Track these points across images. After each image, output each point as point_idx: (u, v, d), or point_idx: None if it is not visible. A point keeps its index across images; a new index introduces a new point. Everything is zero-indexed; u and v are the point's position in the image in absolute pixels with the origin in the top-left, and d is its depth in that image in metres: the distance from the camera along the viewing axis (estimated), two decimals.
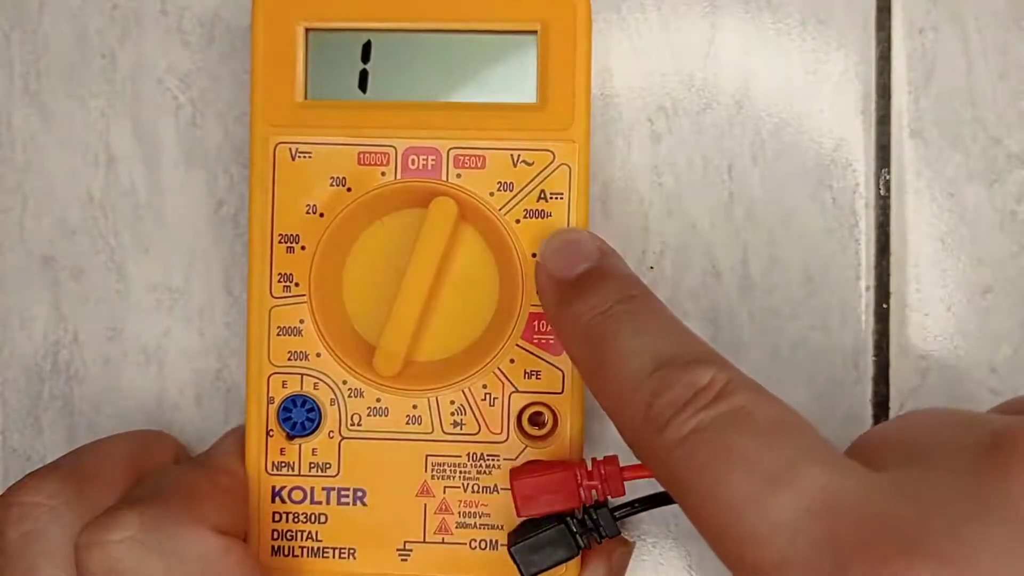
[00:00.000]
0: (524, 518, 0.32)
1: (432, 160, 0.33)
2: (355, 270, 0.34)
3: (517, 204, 0.33)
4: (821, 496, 0.23)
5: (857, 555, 0.22)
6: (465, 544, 0.33)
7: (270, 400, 0.33)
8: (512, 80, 0.33)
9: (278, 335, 0.33)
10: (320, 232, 0.33)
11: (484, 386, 0.33)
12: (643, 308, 0.29)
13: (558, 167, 0.33)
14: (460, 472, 0.33)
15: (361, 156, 0.33)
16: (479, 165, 0.33)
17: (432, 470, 0.33)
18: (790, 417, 0.26)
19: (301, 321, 0.33)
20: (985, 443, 0.25)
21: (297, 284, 0.33)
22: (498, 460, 0.33)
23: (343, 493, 0.33)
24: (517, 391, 0.33)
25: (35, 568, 0.29)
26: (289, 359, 0.33)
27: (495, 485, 0.33)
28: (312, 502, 0.33)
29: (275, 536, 0.33)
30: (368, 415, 0.33)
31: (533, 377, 0.33)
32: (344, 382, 0.33)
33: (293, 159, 0.33)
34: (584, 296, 0.30)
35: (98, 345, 0.38)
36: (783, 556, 0.23)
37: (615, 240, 0.36)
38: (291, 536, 0.33)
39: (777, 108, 0.37)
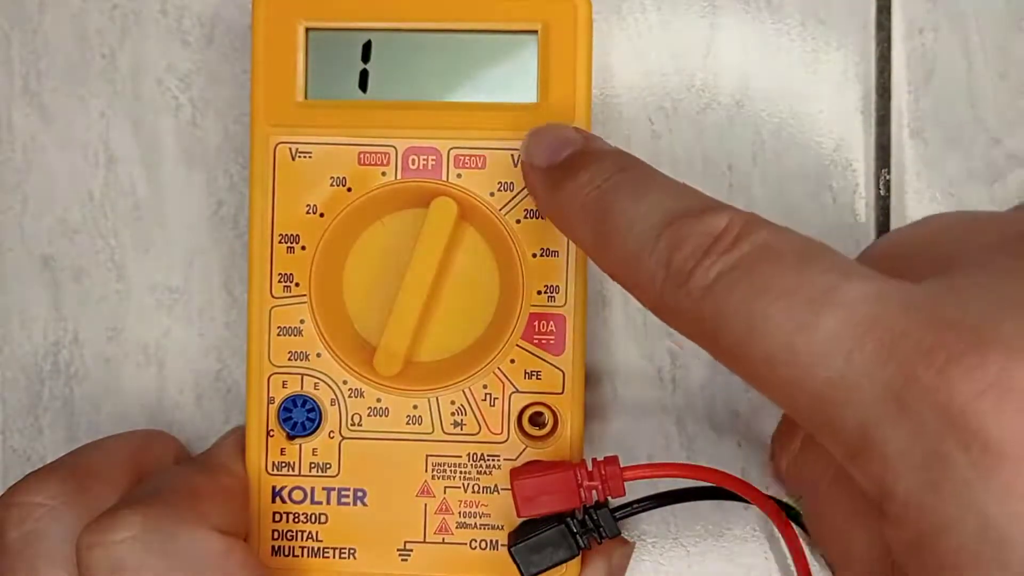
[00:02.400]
0: (524, 518, 0.32)
1: (432, 160, 0.33)
2: (355, 270, 0.34)
3: (518, 204, 0.33)
4: (868, 310, 0.22)
5: (922, 360, 0.21)
6: (465, 544, 0.33)
7: (270, 400, 0.33)
8: (513, 80, 0.33)
9: (278, 335, 0.33)
10: (320, 232, 0.33)
11: (484, 386, 0.33)
12: (640, 175, 0.28)
13: None
14: (460, 472, 0.33)
15: (361, 156, 0.33)
16: (480, 165, 0.33)
17: (432, 470, 0.33)
18: (816, 245, 0.24)
19: (301, 321, 0.33)
20: (1017, 240, 0.24)
21: (297, 284, 0.33)
22: (498, 460, 0.33)
23: (343, 493, 0.33)
24: (517, 391, 0.33)
25: (36, 568, 0.29)
26: (289, 359, 0.33)
27: (495, 485, 0.33)
28: (312, 502, 0.33)
29: (275, 536, 0.33)
30: (368, 415, 0.33)
31: (533, 377, 0.33)
32: (344, 382, 0.33)
33: (293, 159, 0.33)
34: (576, 175, 0.29)
35: (98, 345, 0.38)
36: (842, 375, 0.22)
37: None
38: (291, 536, 0.33)
39: (777, 108, 0.37)
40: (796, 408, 0.23)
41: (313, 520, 0.33)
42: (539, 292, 0.33)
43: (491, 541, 0.33)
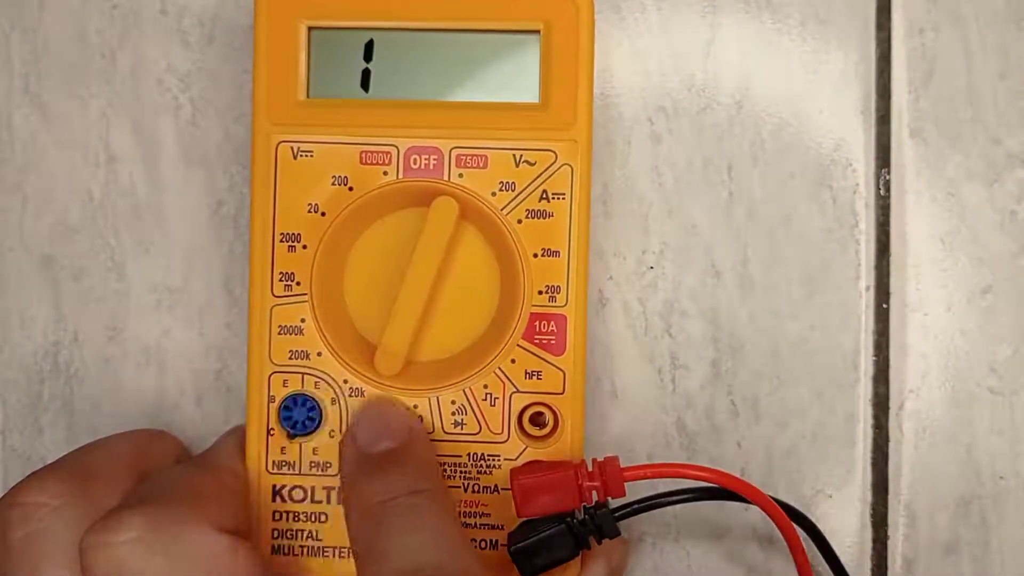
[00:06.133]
0: (524, 518, 0.32)
1: (434, 159, 0.33)
2: (356, 269, 0.34)
3: (519, 204, 0.33)
4: None
5: None
6: None
7: (271, 399, 0.33)
8: (515, 80, 0.33)
9: (279, 334, 0.33)
10: (322, 231, 0.33)
11: (485, 386, 0.33)
12: (427, 506, 0.29)
13: (560, 167, 0.33)
14: (461, 472, 0.33)
15: (363, 155, 0.33)
16: (481, 165, 0.33)
17: None
18: None
19: (302, 320, 0.33)
20: None
21: (298, 283, 0.33)
22: (499, 460, 0.33)
23: None
24: (518, 391, 0.33)
25: (38, 569, 0.29)
26: (290, 358, 0.33)
27: (496, 485, 0.33)
28: (313, 501, 0.33)
29: (275, 535, 0.33)
30: None
31: (534, 377, 0.33)
32: (345, 381, 0.33)
33: (295, 158, 0.33)
34: (376, 477, 0.30)
35: (98, 345, 0.38)
36: None
37: (615, 240, 0.36)
38: (291, 535, 0.33)
39: (777, 108, 0.37)
40: None
41: (313, 519, 0.33)
42: (540, 292, 0.33)
43: (491, 541, 0.33)
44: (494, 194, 0.33)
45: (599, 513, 0.32)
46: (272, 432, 0.33)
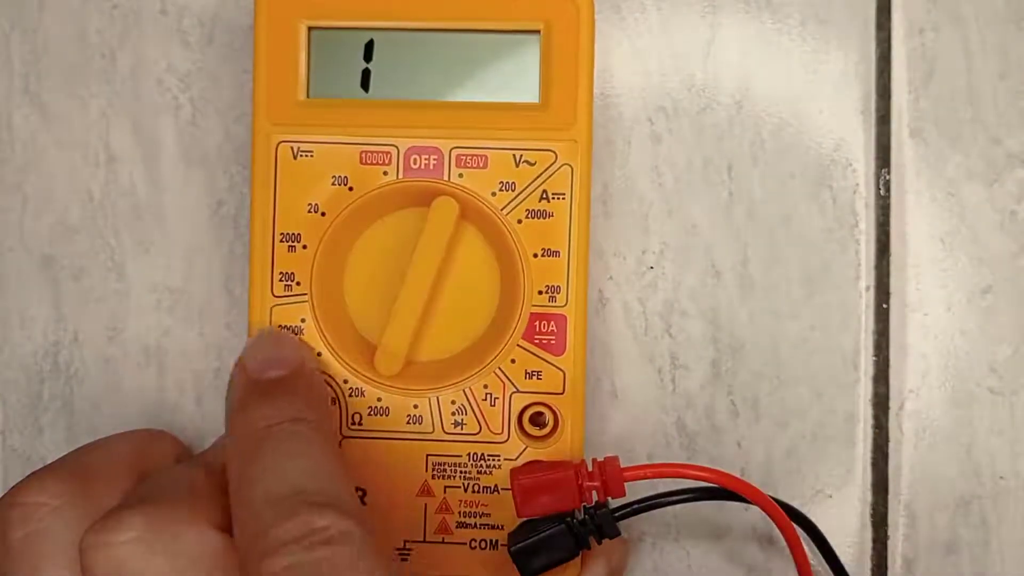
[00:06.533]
0: (524, 518, 0.32)
1: (434, 159, 0.33)
2: (356, 269, 0.34)
3: (519, 204, 0.33)
4: None
5: None
6: (465, 544, 0.33)
7: None
8: (515, 80, 0.33)
9: None
10: (322, 231, 0.33)
11: (485, 386, 0.33)
12: (308, 435, 0.29)
13: (560, 167, 0.33)
14: (460, 472, 0.33)
15: (363, 155, 0.33)
16: (481, 165, 0.33)
17: (432, 470, 0.33)
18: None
19: (302, 320, 0.33)
20: None
21: (298, 283, 0.33)
22: (499, 460, 0.33)
23: None
24: (518, 391, 0.33)
25: (38, 568, 0.29)
26: None
27: (495, 485, 0.33)
28: None
29: None
30: (369, 414, 0.33)
31: (534, 377, 0.33)
32: (345, 381, 0.33)
33: (295, 158, 0.33)
34: (261, 403, 0.30)
35: (98, 345, 0.38)
36: None
37: (615, 240, 0.36)
38: None
39: (777, 108, 0.37)
40: None
41: None
42: (540, 292, 0.33)
43: (491, 541, 0.33)
44: (494, 194, 0.33)
45: (599, 513, 0.32)
46: None
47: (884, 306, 0.37)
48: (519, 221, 0.33)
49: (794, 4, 0.37)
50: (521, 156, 0.33)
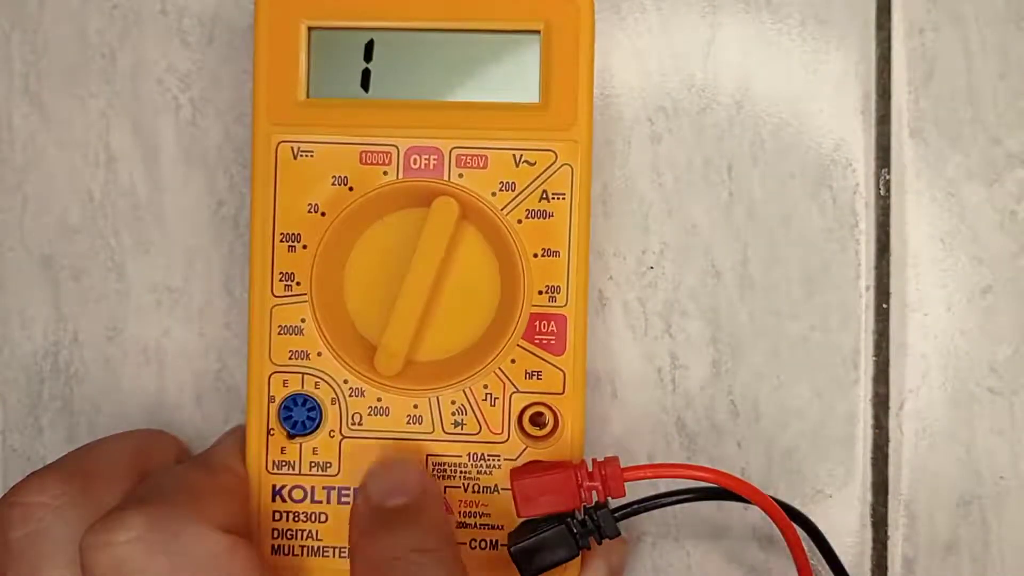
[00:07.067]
0: (524, 518, 0.32)
1: (434, 159, 0.33)
2: (356, 269, 0.34)
3: (519, 204, 0.33)
4: None
5: None
6: (465, 544, 0.33)
7: (271, 399, 0.33)
8: (515, 80, 0.33)
9: (279, 334, 0.33)
10: (322, 231, 0.33)
11: (485, 386, 0.33)
12: (433, 567, 0.29)
13: (560, 167, 0.33)
14: (461, 472, 0.33)
15: (363, 155, 0.33)
16: (481, 165, 0.33)
17: (433, 470, 0.33)
18: None
19: (302, 320, 0.33)
20: None
21: (298, 283, 0.33)
22: (499, 460, 0.33)
23: (344, 492, 0.33)
24: (518, 391, 0.33)
25: (39, 568, 0.29)
26: (290, 358, 0.33)
27: (495, 485, 0.33)
28: (312, 501, 0.33)
29: (275, 535, 0.33)
30: (369, 414, 0.33)
31: (534, 377, 0.33)
32: (345, 381, 0.33)
33: (295, 158, 0.33)
34: (385, 533, 0.30)
35: (98, 345, 0.38)
36: None
37: (615, 240, 0.36)
38: (291, 535, 0.33)
39: (777, 108, 0.37)
40: None
41: (313, 519, 0.33)
42: (540, 292, 0.33)
43: (491, 541, 0.33)
44: (494, 194, 0.33)
45: (599, 513, 0.32)
46: (272, 432, 0.33)
47: (884, 306, 0.37)
48: (519, 221, 0.33)
49: (794, 4, 0.37)
50: (521, 156, 0.33)
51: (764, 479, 0.37)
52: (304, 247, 0.33)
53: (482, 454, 0.33)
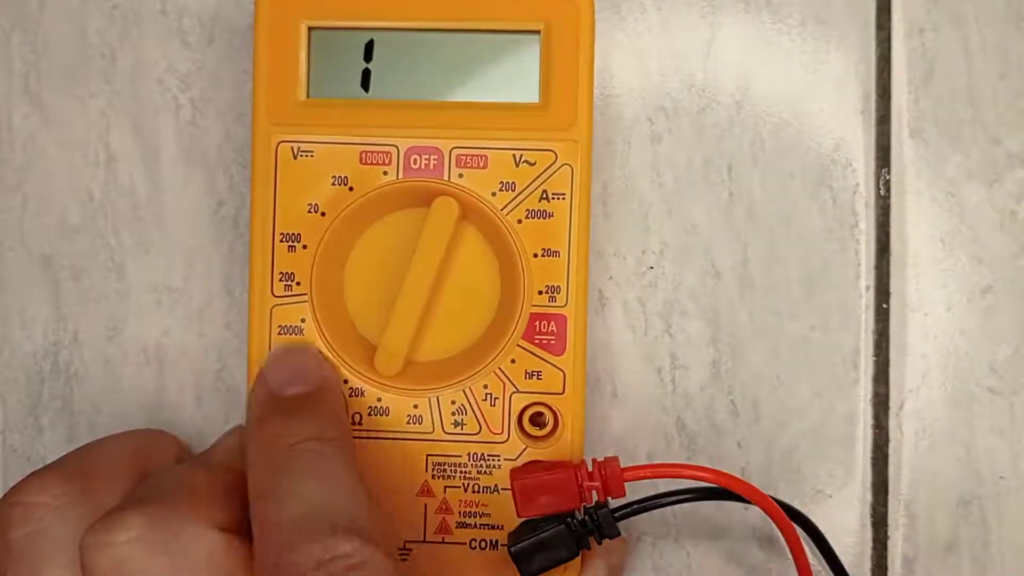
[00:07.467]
0: (524, 518, 0.32)
1: (434, 159, 0.33)
2: (356, 269, 0.34)
3: (519, 204, 0.33)
4: None
5: None
6: (465, 544, 0.33)
7: None
8: (515, 80, 0.33)
9: (279, 334, 0.33)
10: (322, 231, 0.33)
11: (485, 386, 0.33)
12: (330, 455, 0.29)
13: (560, 167, 0.33)
14: (461, 472, 0.33)
15: (363, 155, 0.33)
16: (481, 165, 0.33)
17: (433, 470, 0.33)
18: None
19: (302, 320, 0.33)
20: None
21: (298, 283, 0.33)
22: (499, 460, 0.33)
23: None
24: (518, 391, 0.33)
25: (38, 568, 0.29)
26: None
27: (496, 485, 0.33)
28: None
29: None
30: (369, 414, 0.33)
31: (534, 377, 0.33)
32: (345, 381, 0.33)
33: (295, 158, 0.33)
34: (284, 419, 0.30)
35: (98, 345, 0.38)
36: None
37: (615, 240, 0.36)
38: None
39: (777, 108, 0.37)
40: None
41: None
42: (540, 292, 0.33)
43: (491, 541, 0.33)
44: (494, 194, 0.33)
45: (599, 513, 0.32)
46: None
47: (884, 306, 0.37)
48: (519, 221, 0.33)
49: (794, 4, 0.37)
50: (521, 156, 0.33)
51: (764, 479, 0.37)
52: (304, 247, 0.33)
53: (482, 454, 0.33)
